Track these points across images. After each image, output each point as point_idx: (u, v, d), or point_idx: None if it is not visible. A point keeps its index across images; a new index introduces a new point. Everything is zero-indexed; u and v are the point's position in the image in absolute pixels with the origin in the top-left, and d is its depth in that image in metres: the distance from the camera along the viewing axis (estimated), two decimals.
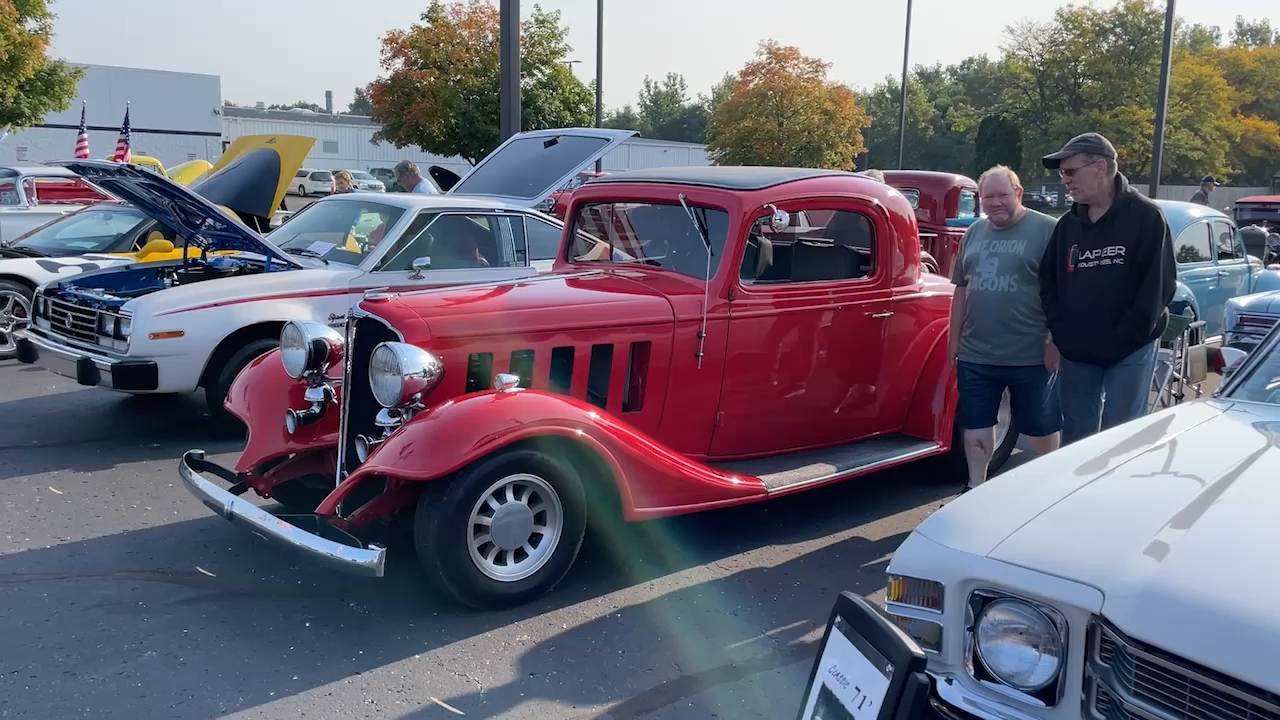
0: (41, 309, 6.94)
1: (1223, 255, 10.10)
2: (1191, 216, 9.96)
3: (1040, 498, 2.64)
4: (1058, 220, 4.81)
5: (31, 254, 9.01)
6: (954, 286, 5.16)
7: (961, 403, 5.18)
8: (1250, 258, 10.85)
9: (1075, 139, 4.65)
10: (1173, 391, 7.40)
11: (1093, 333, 4.55)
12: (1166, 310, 4.59)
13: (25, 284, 8.44)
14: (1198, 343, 7.82)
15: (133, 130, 14.05)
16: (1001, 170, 4.98)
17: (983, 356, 4.94)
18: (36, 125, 27.98)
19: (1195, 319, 8.21)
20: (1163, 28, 31.80)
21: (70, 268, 8.34)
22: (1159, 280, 4.48)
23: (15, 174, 11.80)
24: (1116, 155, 4.59)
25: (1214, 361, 7.74)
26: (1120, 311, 4.48)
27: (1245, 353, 3.92)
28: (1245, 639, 2.01)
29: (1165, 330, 7.38)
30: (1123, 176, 4.58)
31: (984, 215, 5.06)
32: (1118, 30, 57.87)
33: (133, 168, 6.85)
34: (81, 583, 4.23)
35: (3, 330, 8.61)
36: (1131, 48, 56.77)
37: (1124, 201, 4.53)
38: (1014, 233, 4.87)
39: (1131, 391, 4.61)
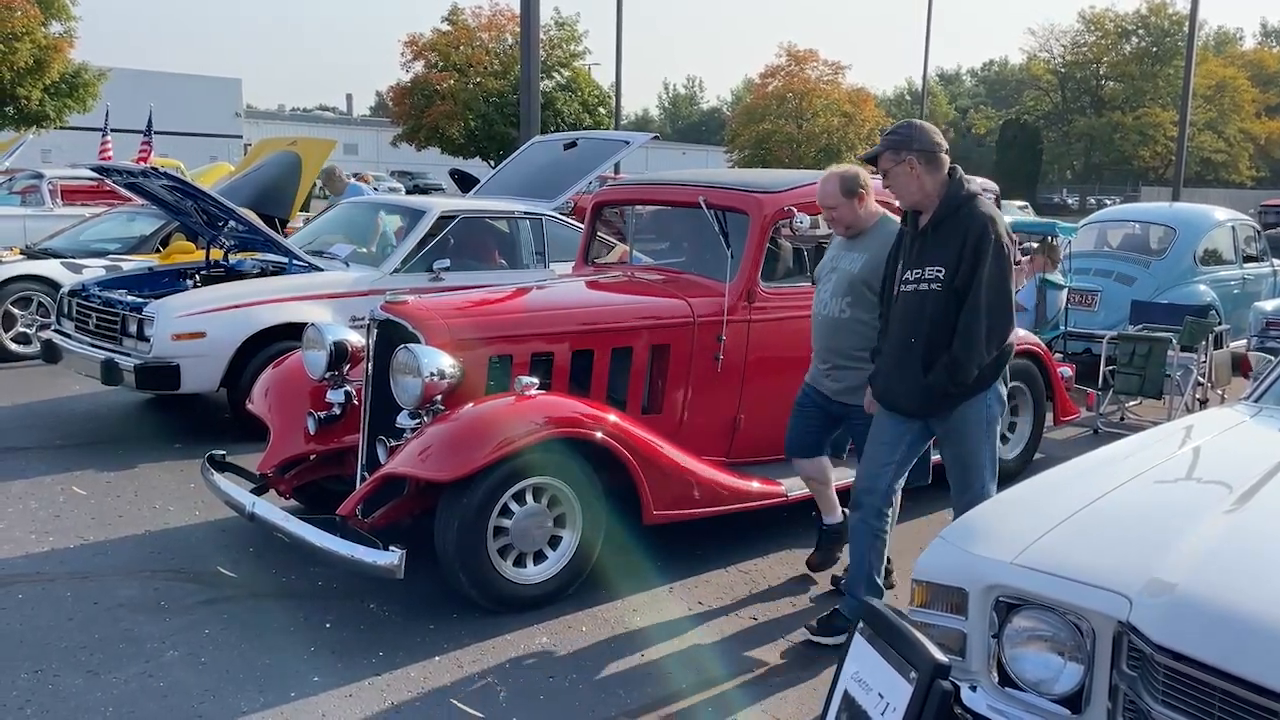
0: (65, 310, 7.00)
1: (1247, 259, 10.03)
2: (1216, 220, 9.90)
3: (1065, 504, 2.61)
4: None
5: (56, 255, 9.09)
6: None
7: (788, 424, 4.33)
8: (1275, 261, 10.77)
9: (886, 131, 3.64)
10: (1197, 396, 7.35)
11: (903, 377, 3.57)
12: (1012, 340, 3.55)
13: (50, 285, 8.52)
14: (1222, 347, 7.77)
15: (155, 133, 14.17)
16: (832, 175, 4.00)
17: (816, 382, 4.20)
18: (61, 128, 28.31)
19: (1220, 323, 8.14)
20: (1186, 29, 31.55)
21: (94, 269, 8.42)
22: (979, 312, 3.38)
23: (40, 176, 11.91)
24: (946, 147, 3.52)
25: (1240, 366, 7.68)
26: (936, 352, 3.47)
27: (1272, 357, 3.89)
28: (1274, 647, 1.98)
29: (1189, 335, 7.32)
30: (960, 171, 3.51)
31: None
32: (1140, 32, 57.57)
33: (156, 170, 6.91)
34: (104, 582, 4.25)
35: (27, 331, 8.69)
36: (1154, 49, 56.45)
37: (952, 206, 3.46)
38: (857, 244, 4.03)
39: (964, 456, 3.63)
